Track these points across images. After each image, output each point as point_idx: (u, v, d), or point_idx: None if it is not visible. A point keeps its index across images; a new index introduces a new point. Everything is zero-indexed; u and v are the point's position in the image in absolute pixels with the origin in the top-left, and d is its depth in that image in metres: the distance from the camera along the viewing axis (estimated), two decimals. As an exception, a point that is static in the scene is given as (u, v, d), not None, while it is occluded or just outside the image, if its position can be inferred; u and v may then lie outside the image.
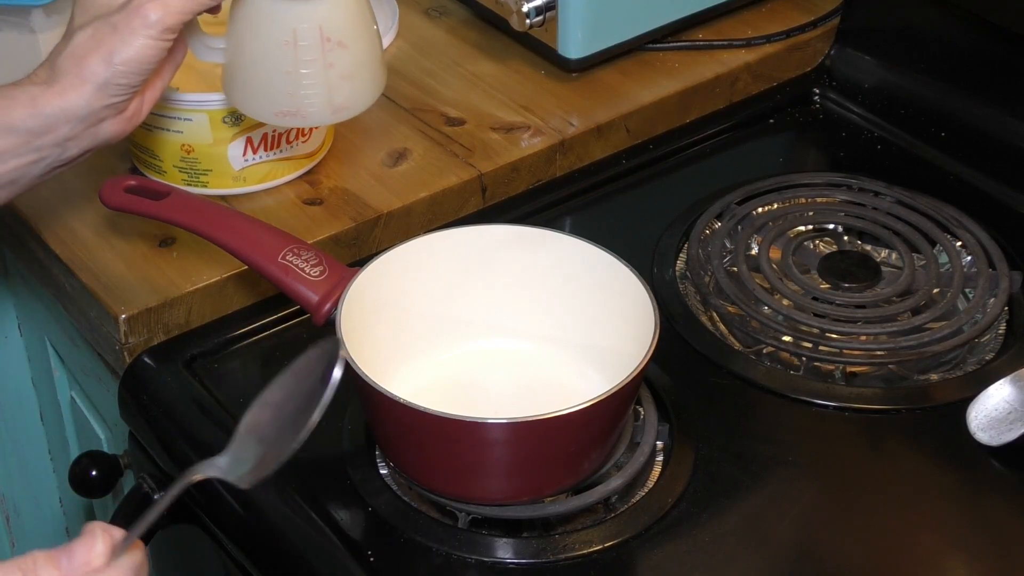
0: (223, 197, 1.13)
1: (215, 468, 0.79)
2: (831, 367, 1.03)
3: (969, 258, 1.11)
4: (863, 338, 1.04)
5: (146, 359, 1.04)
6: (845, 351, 1.04)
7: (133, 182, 1.02)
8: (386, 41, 1.32)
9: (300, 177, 1.16)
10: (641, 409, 0.98)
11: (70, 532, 1.47)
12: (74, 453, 1.33)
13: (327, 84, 0.99)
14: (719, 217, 1.16)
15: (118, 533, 0.78)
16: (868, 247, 1.15)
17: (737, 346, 1.06)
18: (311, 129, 1.13)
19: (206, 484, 0.96)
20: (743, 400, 1.01)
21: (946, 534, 0.92)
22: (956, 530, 0.93)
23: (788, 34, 1.33)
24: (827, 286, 1.10)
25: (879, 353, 1.04)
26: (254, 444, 0.78)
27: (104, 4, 0.93)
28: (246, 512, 0.94)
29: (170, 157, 1.12)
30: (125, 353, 1.05)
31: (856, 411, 1.00)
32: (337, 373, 0.75)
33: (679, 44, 1.31)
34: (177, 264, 1.08)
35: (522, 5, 1.22)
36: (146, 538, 1.02)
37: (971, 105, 1.23)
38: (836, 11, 1.34)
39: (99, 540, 0.76)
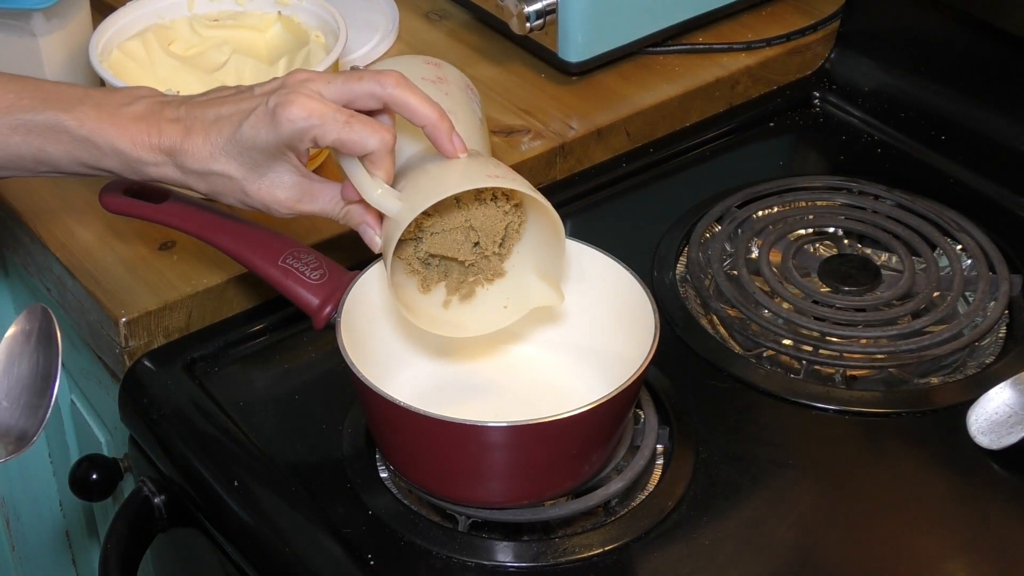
0: (223, 200, 1.13)
1: None
2: (831, 370, 1.03)
3: (969, 261, 1.11)
4: (863, 341, 1.04)
5: (146, 362, 1.04)
6: (845, 354, 1.04)
7: (133, 185, 1.02)
8: (386, 45, 1.32)
9: (300, 180, 1.16)
10: (641, 412, 0.98)
11: (70, 535, 1.47)
12: (74, 456, 1.33)
13: None
14: (719, 220, 1.16)
15: None
16: (868, 250, 1.15)
17: (737, 349, 1.06)
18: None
19: (205, 487, 0.96)
20: (743, 403, 1.01)
21: (946, 537, 0.92)
22: (956, 533, 0.92)
23: (788, 37, 1.33)
24: (827, 289, 1.10)
25: (879, 356, 1.04)
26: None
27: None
28: (246, 515, 0.94)
29: (170, 160, 1.12)
30: (125, 356, 1.05)
31: (856, 414, 1.00)
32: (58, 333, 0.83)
33: (679, 47, 1.31)
34: (177, 267, 1.08)
35: (522, 8, 1.22)
36: (146, 541, 1.03)
37: (971, 108, 1.23)
38: (836, 14, 1.34)
39: None
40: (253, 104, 0.88)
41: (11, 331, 0.86)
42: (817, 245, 1.15)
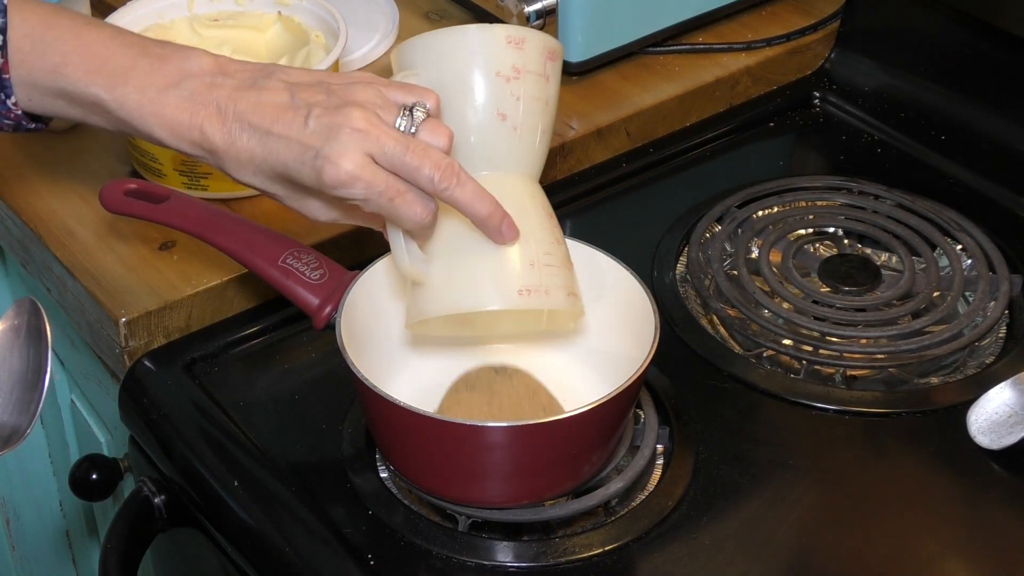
0: (223, 200, 1.13)
1: None
2: (831, 370, 1.03)
3: (969, 261, 1.11)
4: (863, 341, 1.04)
5: (146, 362, 1.04)
6: (845, 354, 1.04)
7: (133, 185, 1.02)
8: (386, 44, 1.32)
9: (300, 180, 1.16)
10: (641, 412, 0.98)
11: (70, 535, 1.47)
12: (74, 456, 1.33)
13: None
14: (719, 220, 1.16)
15: None
16: (868, 250, 1.15)
17: (737, 349, 1.06)
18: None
19: (205, 487, 0.96)
20: (743, 403, 1.01)
21: (946, 537, 0.92)
22: (956, 533, 0.92)
23: (788, 37, 1.33)
24: (827, 289, 1.10)
25: (879, 356, 1.04)
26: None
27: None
28: (246, 515, 0.94)
29: (170, 160, 1.12)
30: (125, 356, 1.05)
31: (856, 414, 1.00)
32: (48, 328, 0.83)
33: (679, 47, 1.31)
34: (177, 267, 1.08)
35: (522, 8, 1.22)
36: (146, 541, 1.03)
37: (971, 108, 1.23)
38: (836, 14, 1.34)
39: None
40: (304, 142, 0.84)
41: (0, 327, 0.86)
42: (817, 245, 1.15)
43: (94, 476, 1.08)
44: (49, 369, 0.84)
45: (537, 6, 1.22)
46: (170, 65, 0.87)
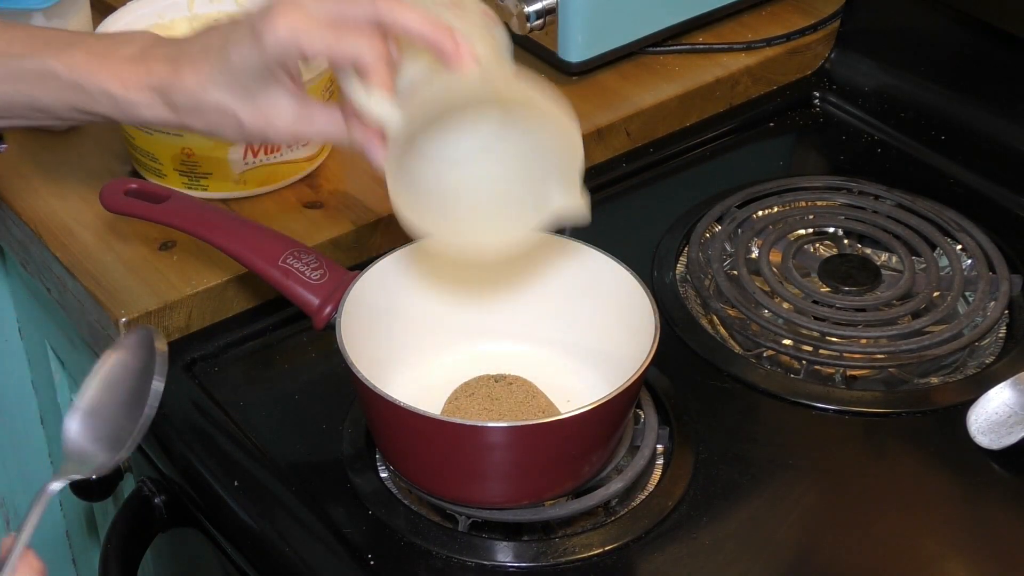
0: (223, 200, 1.13)
1: (65, 476, 0.83)
2: (831, 370, 1.03)
3: (969, 261, 1.11)
4: (863, 341, 1.04)
5: (146, 362, 1.04)
6: (845, 354, 1.04)
7: (133, 185, 1.02)
8: (386, 44, 1.32)
9: (301, 180, 1.16)
10: (641, 412, 0.98)
11: (70, 535, 1.47)
12: (74, 456, 1.33)
13: None
14: (719, 220, 1.16)
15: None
16: (868, 250, 1.15)
17: (737, 349, 1.06)
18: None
19: (205, 487, 0.96)
20: (743, 403, 1.01)
21: (946, 537, 0.92)
22: (956, 533, 0.92)
23: (788, 37, 1.33)
24: (827, 289, 1.10)
25: (879, 356, 1.04)
26: (90, 443, 0.84)
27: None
28: (246, 515, 0.94)
29: (170, 160, 1.12)
30: (125, 356, 1.05)
31: (856, 414, 1.00)
32: (160, 369, 0.83)
33: (679, 47, 1.31)
34: (177, 267, 1.08)
35: (522, 8, 1.22)
36: (146, 541, 1.03)
37: (971, 108, 1.23)
38: (836, 14, 1.34)
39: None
40: (239, 29, 0.86)
41: (112, 357, 0.85)
42: (817, 245, 1.15)
43: (94, 476, 1.08)
44: (149, 408, 0.83)
45: (537, 6, 1.22)
46: (115, 35, 0.90)
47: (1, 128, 0.92)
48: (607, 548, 0.90)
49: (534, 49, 1.28)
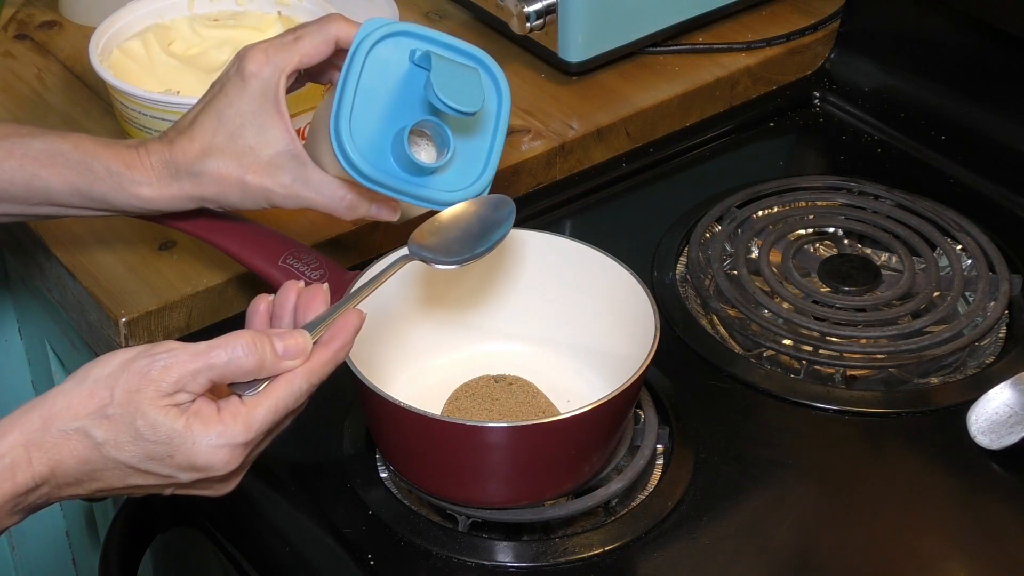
0: (223, 200, 1.13)
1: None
2: (831, 370, 1.03)
3: (969, 261, 1.11)
4: (863, 341, 1.04)
5: (146, 362, 1.04)
6: (845, 354, 1.04)
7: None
8: (386, 44, 1.32)
9: (300, 180, 1.16)
10: (641, 412, 0.98)
11: (70, 535, 1.47)
12: (74, 456, 1.33)
13: None
14: (719, 220, 1.16)
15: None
16: (868, 250, 1.15)
17: (737, 349, 1.06)
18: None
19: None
20: (743, 403, 1.01)
21: (946, 537, 0.92)
22: (956, 533, 0.92)
23: (788, 37, 1.33)
24: (827, 289, 1.10)
25: (879, 356, 1.04)
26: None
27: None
28: (247, 515, 0.94)
29: (170, 160, 1.12)
30: (125, 356, 1.05)
31: (856, 414, 1.00)
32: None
33: (679, 47, 1.31)
34: (177, 267, 1.08)
35: (522, 8, 1.22)
36: (146, 541, 1.03)
37: (971, 108, 1.23)
38: (836, 14, 1.34)
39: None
40: (219, 86, 0.90)
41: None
42: (817, 245, 1.15)
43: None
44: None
45: (537, 6, 1.22)
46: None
47: None
48: (607, 548, 0.90)
49: (534, 49, 1.28)
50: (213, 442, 0.76)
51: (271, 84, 0.89)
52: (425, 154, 0.91)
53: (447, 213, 0.90)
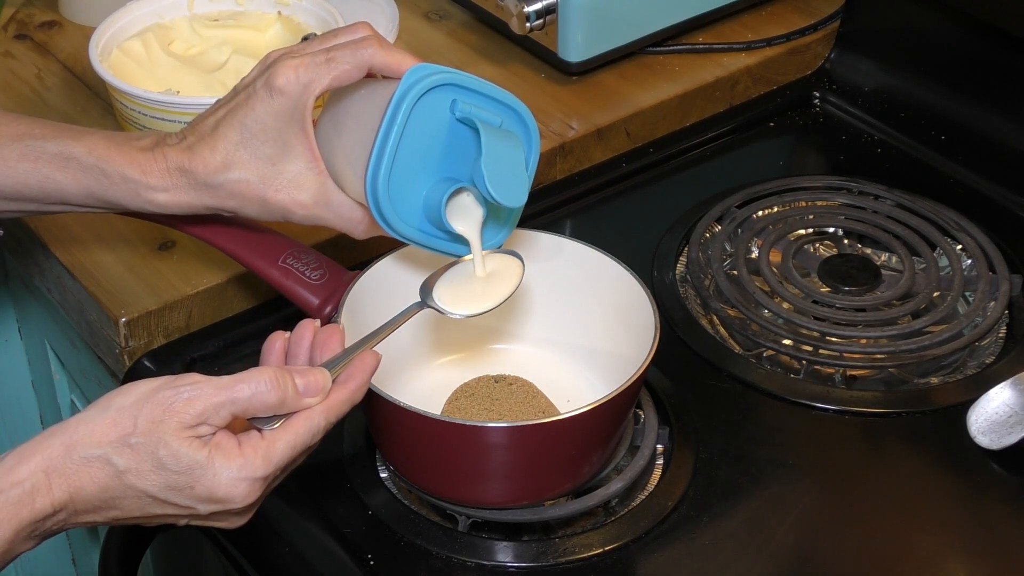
0: (223, 200, 1.13)
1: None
2: (831, 370, 1.03)
3: (969, 261, 1.11)
4: (863, 341, 1.04)
5: (146, 362, 1.04)
6: (845, 354, 1.04)
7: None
8: (386, 44, 1.32)
9: (300, 180, 1.16)
10: (641, 412, 0.98)
11: (70, 535, 1.47)
12: (74, 456, 1.33)
13: None
14: (719, 220, 1.16)
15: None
16: (868, 250, 1.15)
17: (737, 349, 1.06)
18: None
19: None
20: (743, 403, 1.01)
21: (946, 537, 0.92)
22: (956, 533, 0.92)
23: (788, 37, 1.33)
24: (827, 289, 1.10)
25: (879, 356, 1.04)
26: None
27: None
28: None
29: (170, 160, 1.12)
30: (125, 356, 1.05)
31: (856, 414, 1.00)
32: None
33: (679, 47, 1.31)
34: (177, 267, 1.08)
35: (522, 8, 1.22)
36: (146, 541, 1.03)
37: (971, 108, 1.23)
38: (836, 14, 1.34)
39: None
40: (245, 95, 0.88)
41: None
42: (817, 245, 1.15)
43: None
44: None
45: (537, 6, 1.22)
46: (127, 132, 0.95)
47: (9, 215, 0.93)
48: (607, 548, 0.90)
49: (534, 49, 1.28)
50: (234, 475, 0.76)
51: (300, 103, 0.86)
52: (455, 209, 0.90)
53: (458, 262, 0.90)
